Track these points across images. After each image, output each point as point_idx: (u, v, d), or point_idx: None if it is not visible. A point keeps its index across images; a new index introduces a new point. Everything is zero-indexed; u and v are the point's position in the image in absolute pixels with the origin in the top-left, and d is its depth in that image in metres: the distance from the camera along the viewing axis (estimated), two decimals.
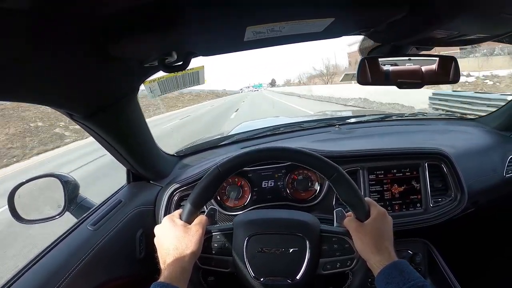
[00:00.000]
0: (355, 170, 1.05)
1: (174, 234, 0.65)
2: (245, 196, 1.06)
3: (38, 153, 12.23)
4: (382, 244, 0.64)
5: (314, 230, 0.72)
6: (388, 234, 0.66)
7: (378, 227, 0.66)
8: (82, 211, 0.98)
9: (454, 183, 1.07)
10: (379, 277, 0.60)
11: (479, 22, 0.74)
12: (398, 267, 0.59)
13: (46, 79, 0.52)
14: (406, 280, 0.56)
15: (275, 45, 0.67)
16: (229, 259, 0.72)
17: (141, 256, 0.94)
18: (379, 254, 0.62)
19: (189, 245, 0.64)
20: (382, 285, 0.59)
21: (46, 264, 0.73)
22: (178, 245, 0.64)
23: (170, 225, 0.67)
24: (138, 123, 0.87)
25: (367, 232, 0.65)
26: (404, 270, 0.58)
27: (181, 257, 0.63)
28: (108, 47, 0.51)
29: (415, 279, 0.56)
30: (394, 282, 0.57)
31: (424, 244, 1.13)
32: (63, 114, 0.66)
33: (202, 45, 0.63)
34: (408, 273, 0.58)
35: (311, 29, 0.61)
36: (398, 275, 0.57)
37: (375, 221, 0.66)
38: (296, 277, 0.69)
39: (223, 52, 0.69)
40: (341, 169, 0.69)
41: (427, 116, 1.61)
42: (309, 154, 0.70)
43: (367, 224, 0.66)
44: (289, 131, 1.42)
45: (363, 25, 0.70)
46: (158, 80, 0.81)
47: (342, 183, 0.68)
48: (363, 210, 0.68)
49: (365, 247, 0.65)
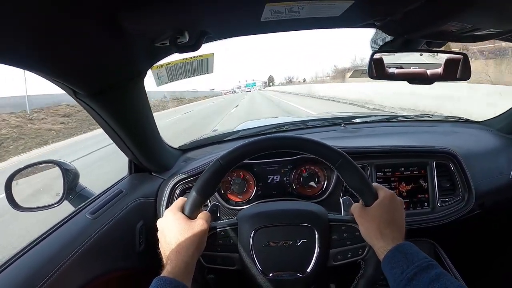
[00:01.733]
0: (363, 167, 1.04)
1: (177, 228, 0.62)
2: (250, 190, 1.04)
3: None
4: (386, 229, 0.60)
5: (322, 220, 0.69)
6: (394, 218, 0.62)
7: (383, 211, 0.62)
8: (81, 201, 0.95)
9: (462, 183, 1.06)
10: (384, 263, 0.57)
11: (494, 14, 0.74)
12: (401, 250, 0.56)
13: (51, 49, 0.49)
14: (410, 262, 0.53)
15: (291, 30, 0.66)
16: (235, 255, 0.69)
17: (140, 248, 0.91)
18: (382, 240, 0.59)
19: (193, 240, 0.61)
20: (388, 270, 0.56)
21: (40, 251, 0.70)
22: (181, 239, 0.61)
23: (173, 218, 0.64)
24: (143, 110, 0.84)
25: (370, 217, 0.62)
26: (407, 252, 0.55)
27: (184, 252, 0.59)
28: (120, 19, 0.49)
29: (419, 259, 0.53)
30: (398, 266, 0.54)
31: (430, 245, 1.11)
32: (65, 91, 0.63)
33: (216, 23, 0.61)
34: (412, 255, 0.54)
35: (328, 13, 0.60)
36: (402, 258, 0.54)
37: (380, 205, 0.63)
38: (306, 270, 0.66)
39: (237, 34, 0.67)
40: (347, 155, 0.66)
41: (432, 118, 1.61)
42: (313, 141, 0.67)
43: (370, 209, 0.63)
44: (294, 129, 1.41)
45: (380, 12, 0.68)
46: (166, 66, 0.79)
47: (348, 169, 0.65)
48: (371, 195, 0.65)
49: (368, 233, 0.62)
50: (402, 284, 0.52)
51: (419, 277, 0.51)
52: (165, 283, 0.53)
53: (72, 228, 0.79)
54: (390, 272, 0.55)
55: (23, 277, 0.62)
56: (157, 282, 0.54)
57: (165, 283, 0.53)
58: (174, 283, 0.54)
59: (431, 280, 0.49)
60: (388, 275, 0.56)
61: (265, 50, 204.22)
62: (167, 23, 0.55)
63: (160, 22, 0.54)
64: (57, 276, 0.65)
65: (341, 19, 0.64)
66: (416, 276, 0.51)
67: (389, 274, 0.56)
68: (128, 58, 0.66)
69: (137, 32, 0.55)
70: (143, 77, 0.76)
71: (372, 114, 1.76)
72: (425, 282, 0.49)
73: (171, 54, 0.75)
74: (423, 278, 0.50)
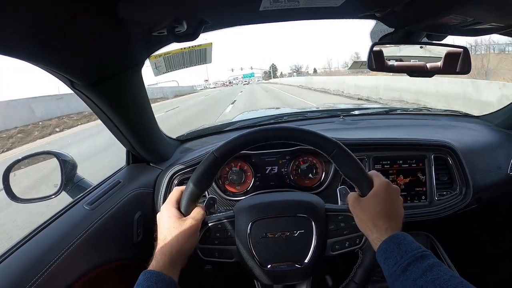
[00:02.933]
0: (361, 159, 1.04)
1: (167, 225, 0.63)
2: (248, 181, 1.04)
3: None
4: (380, 220, 0.59)
5: (319, 210, 0.69)
6: (389, 208, 0.61)
7: (377, 202, 0.61)
8: (78, 192, 0.95)
9: (460, 177, 1.06)
10: (378, 254, 0.57)
11: (495, 8, 0.73)
12: (395, 240, 0.56)
13: (48, 39, 0.49)
14: (403, 252, 0.53)
15: (290, 20, 0.65)
16: (233, 248, 0.69)
17: (138, 239, 0.91)
18: (376, 231, 0.59)
19: (180, 239, 0.61)
20: (382, 261, 0.56)
21: (39, 241, 0.70)
22: (168, 237, 0.61)
23: (167, 215, 0.64)
24: (140, 100, 0.84)
25: (364, 208, 0.62)
26: (401, 242, 0.55)
27: (169, 249, 0.60)
28: (118, 8, 0.48)
29: (413, 250, 0.53)
30: (392, 256, 0.54)
31: (427, 238, 1.12)
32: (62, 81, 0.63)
33: (214, 12, 0.60)
34: (406, 245, 0.54)
35: (328, 3, 0.59)
36: (396, 249, 0.54)
37: (374, 195, 0.62)
38: (304, 260, 0.67)
39: (236, 24, 0.66)
40: (342, 144, 0.65)
41: (431, 111, 1.60)
42: (308, 131, 0.67)
43: (364, 199, 0.63)
44: (293, 120, 1.41)
45: (381, 3, 0.67)
46: (164, 56, 0.78)
47: (343, 159, 0.65)
48: (367, 184, 0.64)
49: (362, 224, 0.62)
50: (396, 274, 0.52)
51: (413, 267, 0.51)
52: (151, 276, 0.55)
53: (70, 218, 0.79)
54: (385, 262, 0.55)
55: (22, 267, 0.63)
56: (144, 275, 0.55)
57: (151, 276, 0.55)
58: (161, 276, 0.55)
59: (424, 270, 0.50)
60: (383, 266, 0.56)
61: (266, 32, 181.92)
62: (165, 12, 0.54)
63: (158, 11, 0.53)
64: (56, 266, 0.66)
65: (341, 10, 0.63)
66: (410, 267, 0.51)
67: (383, 265, 0.56)
68: (125, 47, 0.65)
69: (134, 22, 0.54)
70: (140, 67, 0.75)
71: (371, 107, 1.75)
72: (419, 272, 0.50)
73: (169, 43, 0.74)
74: (417, 268, 0.50)
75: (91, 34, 0.53)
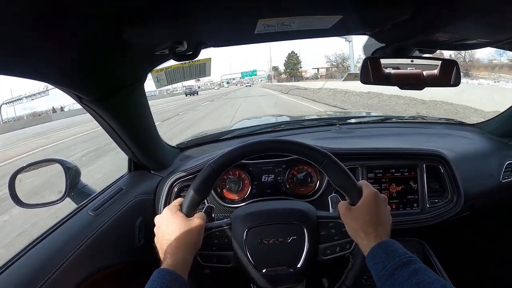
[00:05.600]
0: (354, 168, 1.07)
1: (176, 226, 0.65)
2: (245, 189, 1.07)
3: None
4: (369, 227, 0.62)
5: (310, 217, 0.73)
6: (377, 216, 0.64)
7: (367, 210, 0.65)
8: (82, 198, 0.99)
9: (451, 185, 1.09)
10: (368, 260, 0.60)
11: (480, 27, 0.76)
12: (383, 246, 0.59)
13: (60, 60, 0.53)
14: (391, 258, 0.56)
15: (283, 40, 0.69)
16: (230, 254, 0.73)
17: (140, 244, 0.95)
18: (366, 239, 0.62)
19: (191, 237, 0.65)
20: (371, 267, 0.59)
21: (47, 245, 0.75)
22: (180, 236, 0.64)
23: (172, 216, 0.67)
24: (143, 111, 0.88)
25: (354, 216, 0.65)
26: (389, 248, 0.58)
27: (183, 248, 0.63)
28: (122, 32, 0.52)
29: (400, 255, 0.56)
30: (380, 262, 0.57)
31: (419, 244, 1.15)
32: (71, 97, 0.67)
33: (213, 35, 0.64)
34: (393, 251, 0.57)
35: (319, 26, 0.63)
36: (384, 255, 0.57)
37: (364, 204, 0.65)
38: (297, 265, 0.71)
39: (233, 44, 0.71)
40: (331, 155, 0.69)
41: (426, 119, 1.63)
42: (299, 143, 0.71)
43: (354, 208, 0.66)
44: (290, 128, 1.44)
45: (369, 24, 0.72)
46: (165, 70, 0.82)
47: (333, 169, 0.69)
48: (356, 193, 0.68)
49: (353, 231, 0.65)
50: (384, 279, 0.55)
51: (399, 272, 0.54)
52: (166, 274, 0.58)
53: (76, 224, 0.84)
54: (373, 268, 0.59)
55: (32, 269, 0.68)
56: (158, 273, 0.58)
57: (166, 274, 0.58)
58: (174, 275, 0.58)
59: (410, 274, 0.53)
60: (372, 271, 0.59)
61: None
62: (167, 35, 0.58)
63: (161, 35, 0.57)
64: (63, 269, 0.71)
65: (332, 30, 0.67)
66: (396, 271, 0.54)
67: (372, 270, 0.59)
68: (129, 66, 0.69)
69: (138, 43, 0.58)
70: (143, 82, 0.80)
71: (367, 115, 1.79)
72: (404, 277, 0.53)
73: (170, 59, 0.78)
74: (403, 272, 0.54)
75: (98, 56, 0.58)
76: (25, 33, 0.42)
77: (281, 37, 0.67)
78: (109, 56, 0.60)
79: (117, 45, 0.57)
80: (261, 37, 0.64)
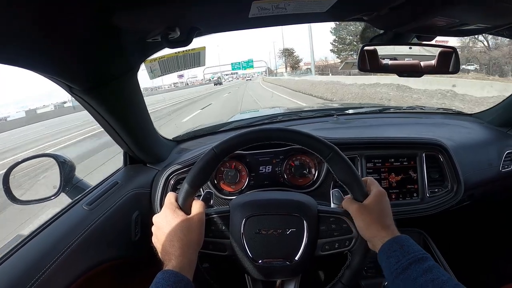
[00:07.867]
0: (353, 158, 1.06)
1: (178, 226, 0.64)
2: (242, 180, 1.06)
3: None
4: (385, 222, 0.64)
5: (311, 211, 0.72)
6: (389, 212, 0.67)
7: (380, 206, 0.66)
8: (77, 192, 0.97)
9: (451, 174, 1.08)
10: (381, 253, 0.60)
11: (478, 10, 0.75)
12: (398, 241, 0.60)
13: (48, 48, 0.51)
14: (405, 253, 0.57)
15: (278, 25, 0.68)
16: (226, 241, 0.71)
17: (136, 238, 0.94)
18: (384, 231, 0.63)
19: (194, 237, 0.64)
20: (384, 259, 0.59)
21: (40, 242, 0.73)
22: (183, 237, 0.63)
23: (172, 215, 0.65)
24: (137, 103, 0.86)
25: (370, 212, 0.65)
26: (404, 244, 0.59)
27: (187, 249, 0.62)
28: (111, 17, 0.51)
29: (414, 251, 0.57)
30: (394, 255, 0.58)
31: (419, 234, 1.14)
32: (61, 87, 0.65)
33: (206, 20, 0.62)
34: (408, 247, 0.58)
35: (315, 9, 0.61)
36: (398, 249, 0.58)
37: (376, 200, 0.66)
38: (294, 258, 0.69)
39: (227, 30, 0.69)
40: (337, 148, 0.68)
41: (424, 109, 1.62)
42: (305, 134, 0.69)
43: (368, 204, 0.66)
44: (287, 120, 1.43)
45: (366, 7, 0.70)
46: (159, 60, 0.80)
47: (338, 162, 0.67)
48: (361, 190, 0.67)
49: (368, 227, 0.65)
50: (397, 272, 0.56)
51: (414, 267, 0.55)
52: (171, 275, 0.56)
53: (70, 219, 0.81)
54: (386, 261, 0.59)
55: (25, 266, 0.66)
56: (162, 274, 0.57)
57: (171, 275, 0.56)
58: (179, 276, 0.57)
59: (424, 270, 0.54)
60: (384, 264, 0.60)
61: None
62: (159, 20, 0.56)
63: (152, 20, 0.56)
64: (56, 266, 0.68)
65: (327, 14, 0.65)
66: (411, 266, 0.55)
67: (384, 263, 0.59)
68: (121, 54, 0.67)
69: (129, 29, 0.57)
70: (136, 71, 0.78)
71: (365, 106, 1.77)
72: (419, 272, 0.54)
73: (163, 48, 0.76)
74: (417, 268, 0.54)
75: (88, 42, 0.56)
76: (11, 20, 0.40)
77: (276, 22, 0.65)
78: (98, 44, 0.58)
79: (107, 32, 0.55)
80: (256, 21, 0.62)
